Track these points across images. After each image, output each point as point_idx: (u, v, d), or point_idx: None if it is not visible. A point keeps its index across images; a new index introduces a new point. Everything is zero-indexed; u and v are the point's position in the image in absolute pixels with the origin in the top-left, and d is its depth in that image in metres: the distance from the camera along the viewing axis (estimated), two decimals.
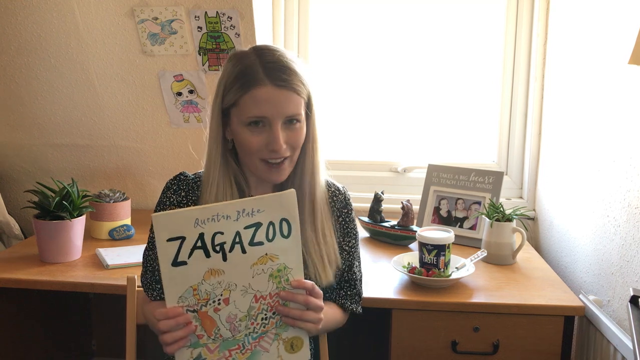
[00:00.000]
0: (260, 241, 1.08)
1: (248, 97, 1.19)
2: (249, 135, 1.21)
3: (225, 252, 1.07)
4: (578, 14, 1.92)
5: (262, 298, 1.11)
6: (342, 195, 1.41)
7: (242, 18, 2.00)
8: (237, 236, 1.07)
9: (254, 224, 1.07)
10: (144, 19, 2.03)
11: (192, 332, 1.08)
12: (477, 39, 2.34)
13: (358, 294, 1.40)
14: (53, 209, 1.77)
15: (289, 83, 1.19)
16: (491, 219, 1.87)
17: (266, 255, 1.10)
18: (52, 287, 1.69)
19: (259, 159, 1.24)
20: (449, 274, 1.64)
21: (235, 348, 1.12)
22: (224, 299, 1.09)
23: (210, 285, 1.07)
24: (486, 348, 1.57)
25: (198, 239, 1.05)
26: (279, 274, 1.11)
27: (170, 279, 1.05)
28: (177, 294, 1.06)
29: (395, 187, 2.38)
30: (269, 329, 1.14)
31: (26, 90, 2.22)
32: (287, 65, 1.21)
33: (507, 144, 2.37)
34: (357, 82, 2.43)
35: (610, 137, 1.64)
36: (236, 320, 1.11)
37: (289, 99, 1.20)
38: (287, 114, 1.20)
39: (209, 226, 1.04)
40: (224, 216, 1.05)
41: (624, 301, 1.50)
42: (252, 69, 1.20)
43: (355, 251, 1.41)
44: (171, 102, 2.22)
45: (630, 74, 1.52)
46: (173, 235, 1.03)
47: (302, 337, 1.17)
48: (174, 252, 1.04)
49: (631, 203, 1.50)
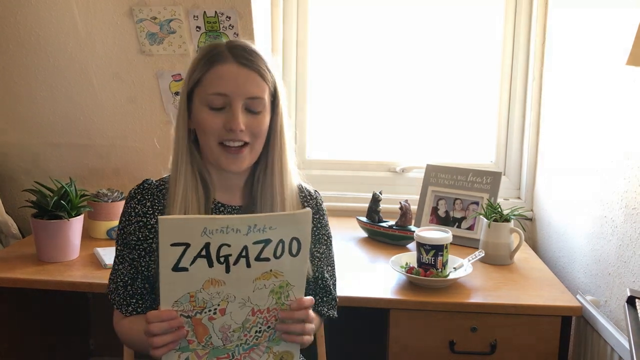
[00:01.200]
0: (267, 257, 1.05)
1: (211, 73, 1.19)
2: (208, 115, 1.19)
3: (229, 265, 1.04)
4: (576, 15, 1.92)
5: (259, 312, 1.09)
6: (313, 200, 1.37)
7: (241, 18, 2.00)
8: (244, 250, 1.04)
9: (264, 240, 1.04)
10: (142, 18, 2.03)
11: (183, 337, 1.06)
12: (476, 39, 2.34)
13: (333, 298, 1.37)
14: (51, 208, 1.77)
15: (253, 63, 1.19)
16: (489, 219, 1.87)
17: (270, 272, 1.07)
18: (50, 286, 1.69)
19: (216, 142, 1.19)
20: (446, 274, 1.65)
21: (224, 357, 1.10)
22: (220, 309, 1.06)
23: (208, 295, 1.04)
24: (484, 348, 1.57)
25: (203, 248, 1.01)
26: (281, 290, 1.09)
27: (168, 284, 1.03)
28: (174, 298, 1.04)
29: (393, 187, 2.38)
30: (261, 341, 1.11)
31: (25, 90, 2.22)
32: (253, 48, 1.22)
33: (505, 145, 2.37)
34: (356, 82, 2.43)
35: (608, 138, 1.64)
36: (229, 330, 1.08)
37: (252, 78, 1.19)
38: (248, 94, 1.18)
39: (216, 237, 1.01)
40: (234, 229, 1.02)
41: (621, 301, 1.51)
42: (218, 49, 1.21)
43: (326, 257, 1.37)
44: (169, 102, 2.21)
45: (628, 75, 1.52)
46: (178, 240, 1.00)
47: (294, 352, 1.15)
48: (176, 258, 1.01)
49: (629, 204, 1.50)
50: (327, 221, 1.39)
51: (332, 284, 1.38)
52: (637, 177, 1.46)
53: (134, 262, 1.25)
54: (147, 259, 1.25)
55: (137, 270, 1.26)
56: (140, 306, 1.26)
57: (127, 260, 1.26)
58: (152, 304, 1.27)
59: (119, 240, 1.27)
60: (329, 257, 1.38)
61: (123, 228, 1.26)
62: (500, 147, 2.37)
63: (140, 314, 1.26)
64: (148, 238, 1.25)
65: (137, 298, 1.26)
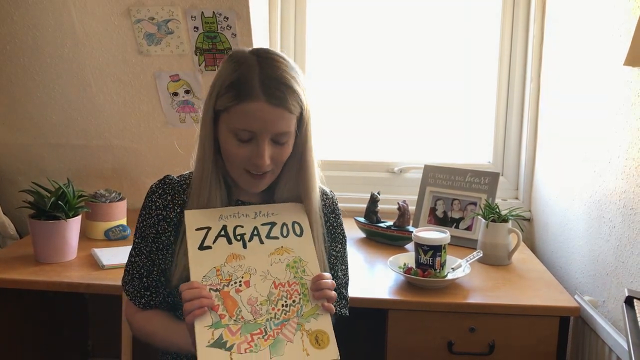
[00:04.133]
0: (275, 236, 1.22)
1: (240, 108, 1.15)
2: (234, 145, 1.18)
3: (245, 241, 1.20)
4: (574, 15, 1.93)
5: (281, 285, 1.17)
6: (329, 200, 1.39)
7: (239, 18, 2.00)
8: (255, 230, 1.22)
9: (270, 223, 1.23)
10: (140, 18, 2.03)
11: (212, 305, 1.11)
12: (474, 39, 2.34)
13: (344, 297, 1.38)
14: (48, 209, 1.76)
15: (284, 102, 1.15)
16: (487, 219, 1.87)
17: (282, 248, 1.21)
18: (48, 287, 1.69)
19: (241, 169, 1.21)
20: (444, 274, 1.65)
21: (257, 333, 1.11)
22: (245, 282, 1.16)
23: (232, 268, 1.16)
24: (482, 348, 1.57)
25: (222, 229, 1.20)
26: (296, 265, 1.20)
27: (196, 261, 1.16)
28: (202, 273, 1.15)
29: (391, 188, 2.38)
30: (291, 317, 1.15)
31: (22, 90, 2.21)
32: (287, 82, 1.16)
33: (503, 145, 2.37)
34: (354, 82, 2.43)
35: (606, 139, 1.64)
36: (257, 303, 1.14)
37: (281, 117, 1.16)
38: (276, 131, 1.17)
39: (231, 220, 1.22)
40: (244, 215, 1.23)
41: (619, 302, 1.51)
42: (249, 80, 1.14)
43: (342, 256, 1.39)
44: (167, 102, 2.21)
45: (625, 75, 1.52)
46: (201, 225, 1.20)
47: (327, 331, 1.15)
48: (200, 238, 1.18)
49: (626, 204, 1.50)
50: (342, 221, 1.42)
51: (345, 283, 1.39)
52: (635, 178, 1.47)
53: (151, 254, 1.28)
54: (165, 252, 1.28)
55: (153, 263, 1.28)
56: (154, 299, 1.29)
57: (143, 253, 1.28)
58: (165, 297, 1.30)
59: (137, 233, 1.30)
60: (344, 256, 1.41)
61: (143, 221, 1.29)
62: (498, 147, 2.37)
63: (152, 307, 1.30)
64: (167, 231, 1.28)
65: (151, 291, 1.29)
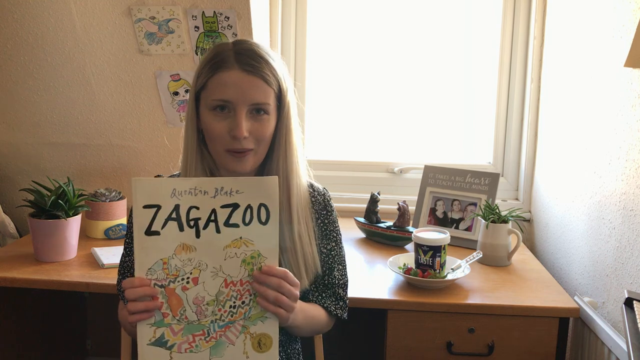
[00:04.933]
0: (236, 223, 1.07)
1: (215, 79, 1.18)
2: (213, 120, 1.19)
3: (199, 229, 1.07)
4: (575, 16, 1.93)
5: (232, 284, 1.09)
6: (321, 197, 1.37)
7: (240, 18, 2.00)
8: (213, 214, 1.07)
9: (232, 204, 1.07)
10: (141, 18, 2.03)
11: (158, 308, 1.06)
12: (474, 40, 2.35)
13: (341, 298, 1.35)
14: (49, 207, 1.76)
15: (257, 69, 1.18)
16: (487, 220, 1.87)
17: (241, 239, 1.08)
18: (48, 286, 1.69)
19: (223, 149, 1.21)
20: (444, 275, 1.65)
21: (200, 334, 1.09)
22: (193, 278, 1.07)
23: (180, 261, 1.07)
24: (481, 349, 1.57)
25: (173, 210, 1.06)
26: (253, 260, 1.09)
27: (141, 248, 1.06)
28: (147, 265, 1.06)
29: (391, 188, 2.39)
30: (237, 319, 1.10)
31: (22, 89, 2.21)
32: (258, 53, 1.20)
33: (503, 146, 2.37)
34: (354, 82, 2.43)
35: (606, 140, 1.64)
36: (203, 303, 1.08)
37: (256, 85, 1.18)
38: (252, 101, 1.18)
39: (185, 198, 1.06)
40: (202, 191, 1.06)
41: (619, 303, 1.51)
42: (224, 53, 1.20)
43: (335, 255, 1.36)
44: (168, 102, 2.21)
45: (626, 76, 1.52)
46: (150, 202, 1.05)
47: (272, 335, 1.12)
48: (148, 220, 1.05)
49: (626, 205, 1.50)
50: (336, 219, 1.39)
51: (342, 284, 1.36)
52: (634, 179, 1.47)
53: None
54: None
55: None
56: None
57: (133, 253, 1.27)
58: None
59: (128, 233, 1.31)
60: (339, 255, 1.37)
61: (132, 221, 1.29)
62: (499, 148, 2.38)
63: None
64: None
65: None
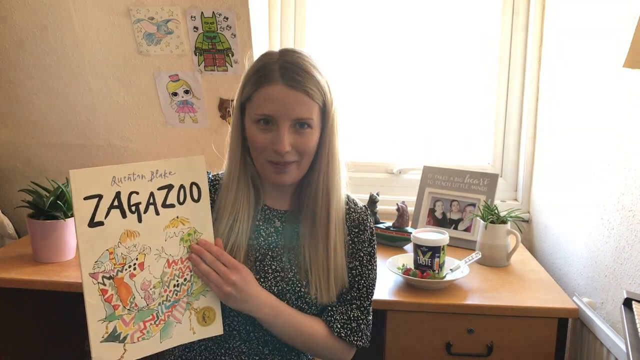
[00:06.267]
0: (171, 203, 1.13)
1: (260, 93, 1.18)
2: (256, 132, 1.20)
3: (140, 213, 1.10)
4: (573, 17, 1.93)
5: (174, 263, 1.14)
6: (357, 214, 1.34)
7: (239, 18, 2.00)
8: (151, 197, 1.11)
9: (167, 186, 1.13)
10: (140, 18, 2.03)
11: (106, 300, 1.08)
12: (473, 40, 2.34)
13: (354, 320, 1.28)
14: (47, 208, 1.76)
15: (302, 84, 1.17)
16: (486, 221, 1.87)
17: (177, 218, 1.14)
18: (46, 286, 1.69)
19: (265, 159, 1.22)
20: (443, 275, 1.65)
21: (150, 319, 1.12)
22: (139, 264, 1.10)
23: (126, 249, 1.09)
24: (480, 350, 1.57)
25: (115, 197, 1.07)
26: (190, 238, 1.15)
27: (86, 242, 1.05)
28: (93, 258, 1.06)
29: (390, 189, 2.38)
30: (181, 297, 1.15)
31: (21, 90, 2.21)
32: (304, 67, 1.18)
33: (502, 146, 2.37)
34: (353, 83, 2.43)
35: (604, 140, 1.64)
36: (150, 287, 1.12)
37: (299, 100, 1.17)
38: (295, 116, 1.18)
39: (125, 185, 1.08)
40: (139, 175, 1.10)
41: (618, 304, 1.51)
42: (269, 66, 1.19)
43: (356, 275, 1.30)
44: (167, 102, 2.21)
45: (624, 77, 1.52)
46: (90, 193, 1.06)
47: (214, 308, 1.19)
48: (90, 211, 1.05)
49: (625, 206, 1.50)
50: (370, 241, 1.33)
51: (358, 307, 1.30)
52: (633, 179, 1.47)
53: None
54: None
55: None
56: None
57: None
58: None
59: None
60: (361, 276, 1.31)
61: None
62: (497, 149, 2.38)
63: None
64: None
65: None
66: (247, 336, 1.26)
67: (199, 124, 2.24)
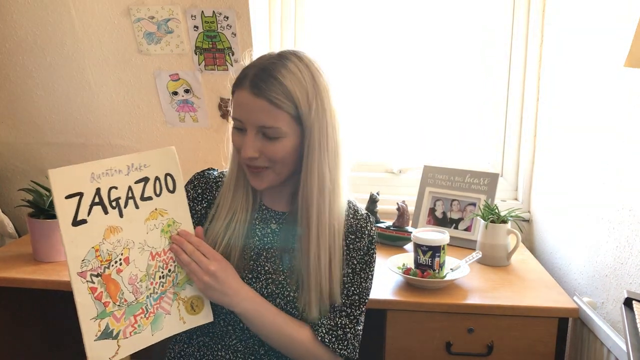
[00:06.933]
0: (149, 196, 1.15)
1: (235, 96, 1.20)
2: (233, 134, 1.22)
3: (121, 208, 1.11)
4: (574, 17, 1.92)
5: (158, 255, 1.15)
6: (356, 221, 1.30)
7: (239, 18, 2.00)
8: (130, 191, 1.12)
9: (143, 179, 1.14)
10: (140, 17, 2.03)
11: (97, 298, 1.09)
12: (473, 40, 2.34)
13: (340, 328, 1.23)
14: (47, 207, 1.76)
15: (264, 92, 1.13)
16: (486, 220, 1.87)
17: (156, 210, 1.16)
18: (46, 286, 1.69)
19: (242, 162, 1.22)
20: (443, 275, 1.65)
21: (140, 312, 1.13)
22: (125, 258, 1.11)
23: (110, 245, 1.10)
24: (480, 349, 1.57)
25: (95, 194, 1.08)
26: (169, 228, 1.17)
27: (71, 241, 1.05)
28: (80, 257, 1.06)
29: (390, 188, 2.38)
30: (167, 288, 1.16)
31: (21, 89, 2.21)
32: (273, 74, 1.14)
33: (502, 146, 2.37)
34: (353, 82, 2.43)
35: (605, 140, 1.64)
36: (137, 281, 1.13)
37: (262, 108, 1.14)
38: (258, 124, 1.16)
39: (104, 180, 1.09)
40: (117, 170, 1.11)
41: (618, 303, 1.51)
42: (248, 69, 1.19)
43: (347, 282, 1.26)
44: (167, 102, 2.21)
45: (625, 76, 1.52)
46: (71, 191, 1.06)
47: (202, 296, 1.20)
48: (73, 210, 1.06)
49: (625, 205, 1.50)
50: (366, 249, 1.30)
51: (347, 315, 1.25)
52: (634, 179, 1.47)
53: None
54: None
55: None
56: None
57: None
58: None
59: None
60: (353, 283, 1.27)
61: None
62: (498, 148, 2.37)
63: None
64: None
65: None
66: (242, 334, 1.26)
67: (199, 123, 2.24)
